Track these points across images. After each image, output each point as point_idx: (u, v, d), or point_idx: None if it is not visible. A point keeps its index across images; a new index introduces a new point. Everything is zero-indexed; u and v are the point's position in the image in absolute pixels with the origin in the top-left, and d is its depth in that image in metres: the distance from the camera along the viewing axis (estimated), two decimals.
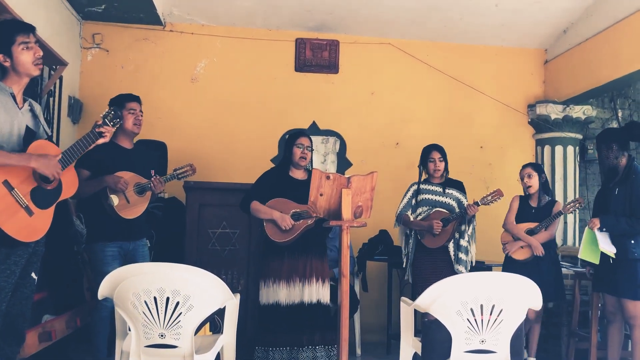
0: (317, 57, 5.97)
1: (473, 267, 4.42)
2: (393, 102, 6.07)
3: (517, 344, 2.86)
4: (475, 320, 2.66)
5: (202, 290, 2.68)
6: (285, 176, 4.00)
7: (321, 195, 3.16)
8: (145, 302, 2.62)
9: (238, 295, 3.09)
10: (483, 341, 2.70)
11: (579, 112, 6.03)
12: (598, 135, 4.19)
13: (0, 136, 2.65)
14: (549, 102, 6.07)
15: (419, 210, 4.40)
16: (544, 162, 6.13)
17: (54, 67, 4.59)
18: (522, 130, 6.27)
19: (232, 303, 2.94)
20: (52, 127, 4.78)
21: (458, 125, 6.11)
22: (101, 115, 2.88)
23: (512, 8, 5.52)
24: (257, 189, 3.97)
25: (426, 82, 6.12)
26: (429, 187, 4.44)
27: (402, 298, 3.32)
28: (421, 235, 4.37)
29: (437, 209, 4.37)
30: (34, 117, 2.88)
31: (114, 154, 3.67)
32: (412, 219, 4.37)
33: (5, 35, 2.73)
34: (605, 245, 3.92)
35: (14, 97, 2.76)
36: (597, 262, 4.04)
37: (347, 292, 3.07)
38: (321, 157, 5.91)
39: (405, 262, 4.46)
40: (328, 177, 3.13)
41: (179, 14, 5.67)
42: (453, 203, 4.40)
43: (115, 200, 3.55)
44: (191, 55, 5.82)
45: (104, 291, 2.71)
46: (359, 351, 5.03)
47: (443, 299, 2.68)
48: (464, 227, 4.37)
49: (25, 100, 2.86)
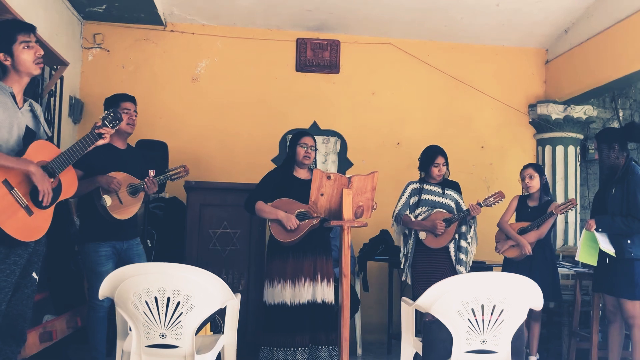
0: (317, 57, 5.97)
1: (471, 267, 4.43)
2: (394, 102, 6.07)
3: (518, 344, 2.86)
4: (476, 320, 2.66)
5: (203, 290, 2.68)
6: (289, 176, 4.00)
7: (322, 195, 3.16)
8: (146, 302, 2.62)
9: (239, 295, 3.10)
10: (484, 341, 2.69)
11: (580, 112, 6.03)
12: (598, 135, 4.20)
13: (0, 136, 2.65)
14: (550, 102, 6.06)
15: (419, 211, 4.39)
16: (544, 162, 6.13)
17: (54, 67, 4.59)
18: (523, 130, 6.27)
19: (233, 303, 2.95)
20: (53, 127, 4.78)
21: (459, 125, 6.11)
22: (100, 117, 2.88)
23: (513, 8, 5.52)
24: (261, 189, 3.97)
25: (427, 82, 6.11)
26: (429, 187, 4.44)
27: (403, 298, 3.32)
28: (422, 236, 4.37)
29: (438, 209, 4.36)
30: (34, 117, 2.88)
31: (107, 154, 3.60)
32: (412, 219, 4.36)
33: (6, 34, 2.73)
34: (605, 244, 3.93)
35: (14, 97, 2.76)
36: (595, 263, 4.06)
37: (348, 291, 3.07)
38: (322, 157, 5.91)
39: (403, 263, 4.44)
40: (329, 177, 3.13)
41: (180, 14, 5.67)
42: (452, 204, 4.41)
43: (108, 200, 3.52)
44: (192, 55, 5.82)
45: (104, 291, 2.71)
46: (359, 351, 5.03)
47: (444, 299, 2.67)
48: (464, 228, 4.37)
49: (25, 101, 2.85)
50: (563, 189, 6.04)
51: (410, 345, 3.18)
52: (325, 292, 3.86)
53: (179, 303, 2.63)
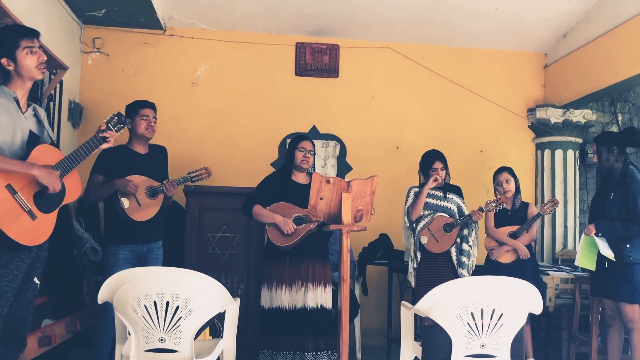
0: (317, 61, 5.98)
1: (473, 271, 4.43)
2: (393, 106, 6.08)
3: (517, 348, 2.85)
4: (476, 324, 2.65)
5: (202, 294, 2.68)
6: (287, 180, 4.00)
7: (321, 199, 3.16)
8: (145, 306, 2.62)
9: (238, 300, 3.09)
10: (483, 345, 2.69)
11: (579, 116, 6.03)
12: (597, 138, 4.20)
13: (3, 140, 2.65)
14: (549, 106, 6.06)
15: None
16: (544, 166, 6.14)
17: (54, 71, 4.60)
18: (522, 134, 6.27)
19: (232, 307, 2.94)
20: (52, 131, 4.78)
21: (458, 129, 6.11)
22: (105, 121, 2.90)
23: (512, 12, 5.53)
24: (259, 193, 3.97)
25: (426, 86, 6.12)
26: (431, 191, 4.44)
27: (403, 302, 3.32)
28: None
29: (440, 213, 4.37)
30: (38, 121, 2.88)
31: (127, 159, 3.76)
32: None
33: (9, 39, 2.75)
34: (605, 249, 3.94)
35: (17, 102, 2.77)
36: (594, 268, 4.07)
37: (347, 296, 3.06)
38: (321, 161, 5.92)
39: (411, 265, 4.40)
40: (328, 181, 3.13)
41: (179, 18, 5.68)
42: (454, 208, 4.42)
43: (125, 203, 3.63)
44: (191, 60, 5.82)
45: (103, 295, 2.71)
46: (359, 355, 5.02)
47: (443, 303, 2.67)
48: (466, 232, 4.39)
49: (29, 105, 2.86)
50: (562, 193, 6.05)
51: (409, 349, 3.18)
52: (323, 296, 3.84)
53: (178, 307, 2.63)
